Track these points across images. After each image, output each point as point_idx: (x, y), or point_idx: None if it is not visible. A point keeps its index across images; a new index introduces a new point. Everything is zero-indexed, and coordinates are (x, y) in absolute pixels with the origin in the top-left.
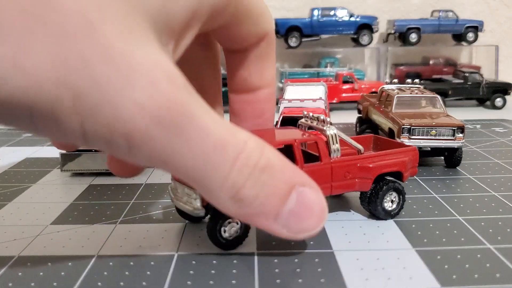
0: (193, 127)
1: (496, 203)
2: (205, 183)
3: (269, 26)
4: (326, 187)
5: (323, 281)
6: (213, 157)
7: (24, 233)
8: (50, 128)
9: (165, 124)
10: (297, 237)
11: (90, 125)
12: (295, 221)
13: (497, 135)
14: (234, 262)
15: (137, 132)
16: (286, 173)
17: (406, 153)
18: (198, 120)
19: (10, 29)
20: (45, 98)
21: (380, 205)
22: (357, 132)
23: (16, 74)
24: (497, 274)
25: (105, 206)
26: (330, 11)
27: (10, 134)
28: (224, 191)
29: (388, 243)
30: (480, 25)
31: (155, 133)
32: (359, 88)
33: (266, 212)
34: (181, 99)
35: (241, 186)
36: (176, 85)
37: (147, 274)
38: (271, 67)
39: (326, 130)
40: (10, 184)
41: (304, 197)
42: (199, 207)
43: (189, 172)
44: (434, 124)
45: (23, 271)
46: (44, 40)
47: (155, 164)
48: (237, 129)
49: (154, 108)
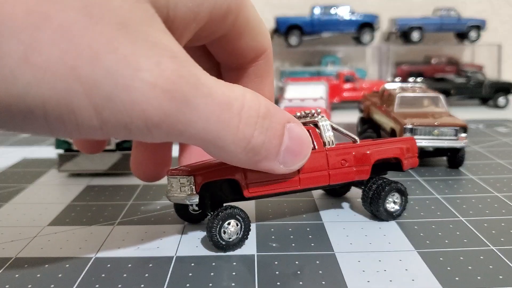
0: (200, 93)
1: (499, 204)
2: (218, 142)
3: (268, 43)
4: (323, 175)
5: (324, 284)
6: (222, 116)
7: (21, 234)
8: (66, 125)
9: (176, 97)
10: (292, 169)
11: (107, 113)
12: (290, 156)
13: (500, 135)
14: (234, 264)
15: (153, 111)
16: (279, 115)
17: (403, 142)
18: (202, 85)
19: (19, 27)
20: (58, 92)
21: (383, 206)
22: (358, 132)
23: (27, 70)
24: (500, 275)
25: (103, 207)
26: (331, 9)
27: (8, 134)
28: (237, 143)
29: (390, 244)
30: (482, 24)
31: (169, 108)
32: (360, 87)
33: (270, 155)
34: (185, 72)
35: (250, 136)
36: (179, 60)
37: (145, 276)
38: (270, 84)
39: (319, 121)
40: (7, 184)
41: (293, 131)
42: (193, 196)
43: (203, 136)
44: (437, 124)
45: (20, 273)
46: (53, 36)
47: (172, 137)
48: (233, 85)
49: (164, 84)
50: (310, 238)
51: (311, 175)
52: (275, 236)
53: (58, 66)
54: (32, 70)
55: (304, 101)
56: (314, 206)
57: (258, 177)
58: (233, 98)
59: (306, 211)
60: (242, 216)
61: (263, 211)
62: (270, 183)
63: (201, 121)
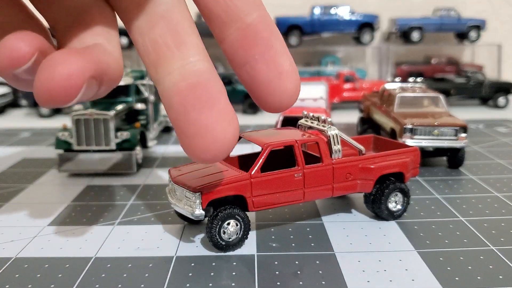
0: None
1: (499, 204)
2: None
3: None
4: (327, 189)
5: (324, 284)
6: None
7: (21, 234)
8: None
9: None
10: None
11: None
12: None
13: (500, 135)
14: (234, 264)
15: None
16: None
17: (408, 154)
18: None
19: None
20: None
21: (385, 205)
22: (358, 132)
23: None
24: (500, 275)
25: (103, 207)
26: (331, 9)
27: (8, 134)
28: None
29: (390, 244)
30: (482, 24)
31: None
32: (360, 87)
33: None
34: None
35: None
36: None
37: (145, 276)
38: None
39: (327, 131)
40: (7, 184)
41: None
42: (199, 213)
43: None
44: (437, 124)
45: (20, 273)
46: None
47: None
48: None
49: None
50: (310, 238)
51: (315, 189)
52: (275, 236)
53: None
54: None
55: (304, 101)
56: (314, 206)
57: (264, 192)
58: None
59: (306, 211)
60: (241, 216)
61: (263, 211)
62: (274, 198)
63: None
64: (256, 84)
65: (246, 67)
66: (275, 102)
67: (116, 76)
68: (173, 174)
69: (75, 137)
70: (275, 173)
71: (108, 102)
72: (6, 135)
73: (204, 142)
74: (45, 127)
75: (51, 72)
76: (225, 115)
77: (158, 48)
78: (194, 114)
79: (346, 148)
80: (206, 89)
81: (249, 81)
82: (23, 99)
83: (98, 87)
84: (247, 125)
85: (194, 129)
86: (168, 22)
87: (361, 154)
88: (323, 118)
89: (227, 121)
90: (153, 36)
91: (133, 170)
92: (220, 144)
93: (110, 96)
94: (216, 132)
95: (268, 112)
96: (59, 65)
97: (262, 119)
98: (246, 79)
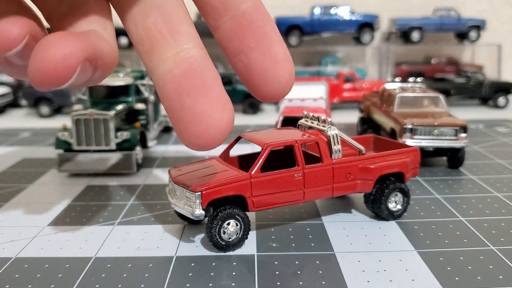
0: None
1: (499, 204)
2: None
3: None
4: (327, 189)
5: (324, 284)
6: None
7: (21, 234)
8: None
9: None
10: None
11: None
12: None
13: (500, 135)
14: (234, 264)
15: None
16: None
17: (408, 154)
18: None
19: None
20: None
21: (385, 205)
22: (358, 132)
23: None
24: (500, 276)
25: (102, 207)
26: (331, 9)
27: (8, 134)
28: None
29: (390, 244)
30: (482, 24)
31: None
32: (360, 87)
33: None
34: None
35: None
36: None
37: (145, 276)
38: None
39: (327, 131)
40: (7, 184)
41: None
42: (199, 213)
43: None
44: (437, 124)
45: (20, 273)
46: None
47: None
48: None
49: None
50: (310, 238)
51: (315, 189)
52: (275, 236)
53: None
54: None
55: (304, 101)
56: (314, 206)
57: (264, 192)
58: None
59: (306, 211)
60: (241, 216)
61: (263, 211)
62: (274, 198)
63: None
64: (251, 72)
65: (241, 56)
66: (270, 90)
67: (111, 62)
68: (173, 174)
69: (75, 137)
70: (275, 173)
71: (108, 102)
72: (6, 135)
73: (199, 128)
74: (45, 127)
75: (46, 53)
76: (220, 102)
77: (152, 35)
78: (189, 101)
79: (346, 148)
80: (200, 76)
81: (243, 70)
82: (23, 99)
83: (93, 71)
84: (247, 125)
85: (189, 116)
86: (163, 11)
87: (361, 154)
88: (323, 118)
89: (222, 107)
90: (147, 24)
91: (133, 170)
92: (215, 130)
93: (110, 96)
94: (212, 119)
95: (263, 101)
96: (54, 46)
97: (262, 119)
98: (241, 68)
